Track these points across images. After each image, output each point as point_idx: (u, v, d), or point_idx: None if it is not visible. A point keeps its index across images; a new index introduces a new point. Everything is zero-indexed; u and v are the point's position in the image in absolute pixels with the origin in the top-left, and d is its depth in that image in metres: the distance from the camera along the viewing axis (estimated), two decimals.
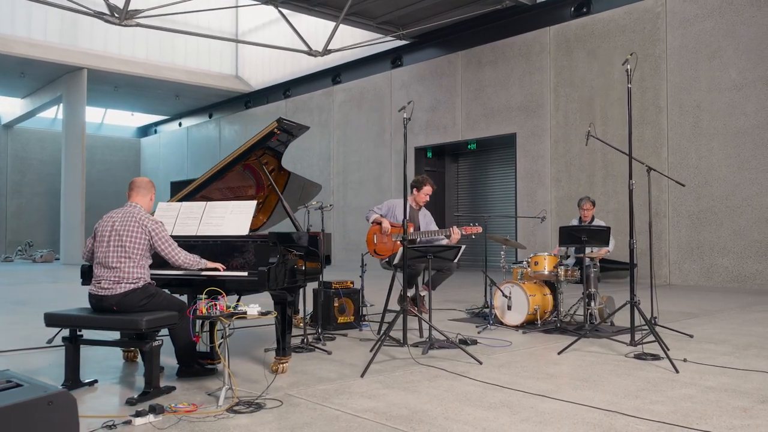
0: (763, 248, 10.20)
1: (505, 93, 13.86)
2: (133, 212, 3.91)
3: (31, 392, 2.40)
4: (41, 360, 4.85)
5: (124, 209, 3.96)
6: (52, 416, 2.37)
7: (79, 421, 2.47)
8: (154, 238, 3.84)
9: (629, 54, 5.07)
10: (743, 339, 5.51)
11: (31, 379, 2.61)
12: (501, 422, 3.15)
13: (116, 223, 3.86)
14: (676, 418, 3.20)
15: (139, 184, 4.11)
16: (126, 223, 3.84)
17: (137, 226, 3.83)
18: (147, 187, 4.10)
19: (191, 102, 22.87)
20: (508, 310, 6.17)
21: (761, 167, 10.26)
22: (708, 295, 9.22)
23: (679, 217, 11.14)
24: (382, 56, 16.74)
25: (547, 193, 13.07)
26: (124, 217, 3.90)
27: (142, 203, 4.03)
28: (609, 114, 12.11)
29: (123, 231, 3.82)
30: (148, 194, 4.08)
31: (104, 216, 4.00)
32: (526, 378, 4.09)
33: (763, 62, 10.27)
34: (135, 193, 4.07)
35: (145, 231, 3.83)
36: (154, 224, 3.87)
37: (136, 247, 3.80)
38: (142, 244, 3.82)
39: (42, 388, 2.46)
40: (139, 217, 3.87)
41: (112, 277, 3.76)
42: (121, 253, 3.78)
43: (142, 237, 3.81)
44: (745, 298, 8.78)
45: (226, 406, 3.40)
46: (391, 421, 3.18)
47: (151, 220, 3.88)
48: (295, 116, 19.41)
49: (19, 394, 2.39)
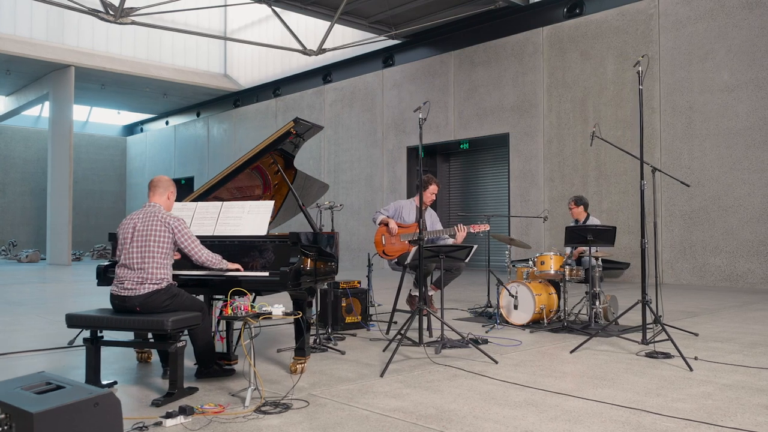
0: (754, 248, 10.36)
1: (498, 93, 13.93)
2: (153, 212, 3.88)
3: (76, 394, 2.38)
4: (50, 361, 4.80)
5: (145, 210, 3.94)
6: (97, 417, 2.36)
7: (123, 422, 2.46)
8: (177, 235, 3.82)
9: (641, 56, 5.12)
10: (748, 337, 5.60)
11: (70, 381, 2.59)
12: (530, 421, 3.18)
13: (138, 223, 3.84)
14: (700, 416, 3.24)
15: (156, 183, 4.08)
16: (148, 223, 3.82)
17: (160, 224, 3.81)
18: (164, 185, 4.07)
19: (179, 100, 22.71)
20: (514, 309, 6.21)
21: (753, 168, 10.41)
22: (702, 294, 9.34)
23: (672, 216, 11.27)
24: (373, 55, 16.75)
25: (540, 193, 13.16)
26: (145, 217, 3.87)
27: (161, 202, 4.00)
28: (602, 114, 12.21)
29: (146, 231, 3.79)
30: (165, 192, 4.05)
31: (125, 219, 3.98)
32: (544, 377, 4.13)
33: (754, 64, 10.42)
34: (153, 193, 4.04)
35: (168, 229, 3.81)
36: (177, 222, 3.85)
37: (160, 247, 3.77)
38: (166, 243, 3.80)
39: (86, 389, 2.45)
40: (161, 215, 3.85)
41: (135, 278, 3.73)
42: (145, 253, 3.75)
43: (165, 235, 3.79)
44: (739, 297, 8.91)
45: (253, 407, 3.39)
46: (421, 420, 3.19)
47: (173, 217, 3.87)
48: (285, 115, 19.38)
49: (64, 395, 2.37)
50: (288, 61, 19.36)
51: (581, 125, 12.53)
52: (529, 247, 6.61)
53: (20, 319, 7.06)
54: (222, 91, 21.46)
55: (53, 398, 2.35)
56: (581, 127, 12.53)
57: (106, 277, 4.34)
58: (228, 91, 21.43)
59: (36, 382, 2.55)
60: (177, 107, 23.89)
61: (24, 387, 2.50)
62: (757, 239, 10.34)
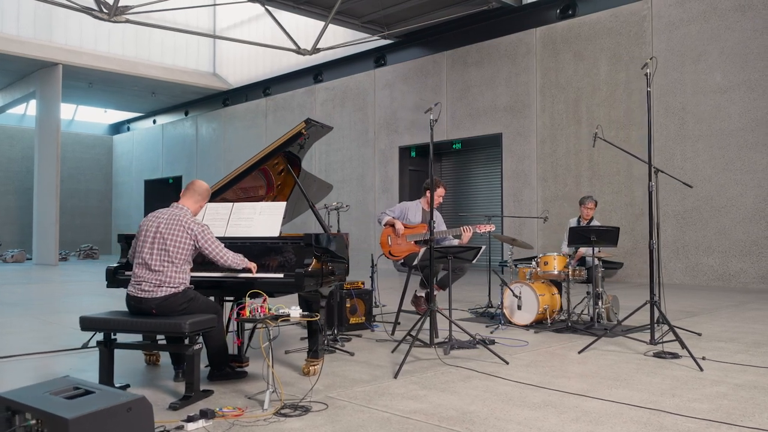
0: (746, 248, 10.47)
1: (491, 93, 13.96)
2: (179, 215, 3.82)
3: (108, 399, 2.35)
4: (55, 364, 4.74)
5: (171, 210, 3.88)
6: (130, 422, 2.33)
7: (154, 427, 2.43)
8: (200, 241, 3.77)
9: (649, 58, 5.15)
10: (750, 337, 5.65)
11: (97, 385, 2.56)
12: (552, 422, 3.18)
13: (161, 224, 3.77)
14: (719, 416, 3.27)
15: (194, 187, 4.02)
16: (171, 226, 3.76)
17: (182, 230, 3.75)
18: (202, 194, 4.01)
19: (167, 99, 22.53)
20: (518, 309, 6.23)
21: (745, 168, 10.53)
22: (696, 294, 9.42)
23: (665, 217, 11.36)
24: (364, 55, 16.72)
25: (533, 193, 13.21)
26: (169, 219, 3.81)
27: (190, 206, 3.94)
28: (595, 115, 12.29)
29: (168, 234, 3.74)
30: (201, 201, 4.00)
31: (149, 215, 3.91)
32: (557, 377, 4.14)
33: (747, 66, 10.53)
34: (187, 196, 3.99)
35: (190, 235, 3.75)
36: (200, 227, 3.80)
37: (180, 252, 3.72)
38: (186, 249, 3.75)
39: (117, 394, 2.41)
40: (184, 220, 3.79)
41: (153, 280, 3.68)
42: (164, 257, 3.70)
43: (186, 241, 3.74)
44: (733, 297, 9.00)
45: (272, 410, 3.37)
46: (444, 422, 3.18)
47: (196, 224, 3.80)
48: (275, 114, 19.30)
49: (96, 401, 2.34)
50: (278, 60, 19.27)
51: (574, 126, 12.60)
52: (531, 247, 6.63)
53: (17, 321, 6.97)
54: (211, 90, 21.33)
55: (85, 403, 2.31)
56: (574, 127, 12.60)
57: (116, 278, 4.28)
58: (217, 90, 21.31)
59: (63, 387, 2.51)
60: (165, 106, 23.70)
61: (52, 392, 2.46)
62: (749, 239, 10.46)
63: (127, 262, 4.35)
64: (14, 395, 2.46)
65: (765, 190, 10.34)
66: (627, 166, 11.88)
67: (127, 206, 25.84)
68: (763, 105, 10.39)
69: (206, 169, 21.79)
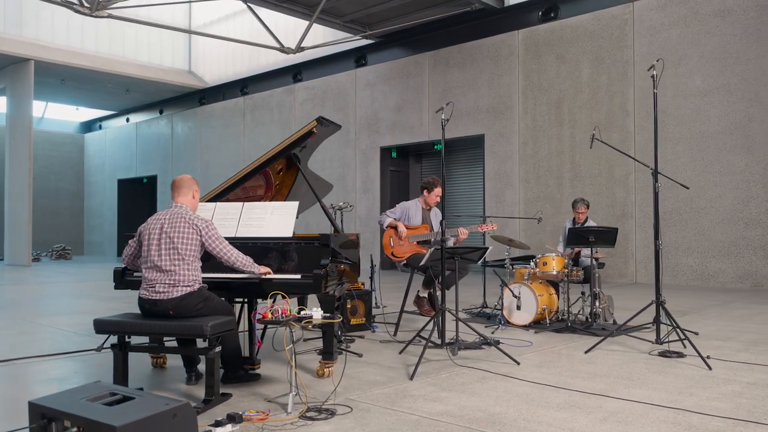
0: (725, 248, 10.69)
1: (473, 94, 14.02)
2: (180, 212, 3.75)
3: (152, 405, 2.28)
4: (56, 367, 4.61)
5: (171, 210, 3.80)
6: (176, 429, 2.26)
7: None
8: (205, 236, 3.70)
9: (656, 60, 5.22)
10: (746, 336, 5.76)
11: (133, 391, 2.48)
12: (582, 423, 3.19)
13: (165, 224, 3.69)
14: (742, 414, 3.31)
15: (179, 183, 3.95)
16: (175, 224, 3.68)
17: (187, 226, 3.68)
18: (187, 184, 3.94)
19: (142, 97, 22.15)
20: (517, 309, 6.25)
21: (724, 171, 10.74)
22: (678, 293, 9.57)
23: (646, 218, 11.54)
24: (345, 55, 16.66)
25: (515, 194, 13.30)
26: (172, 218, 3.74)
27: (186, 202, 3.87)
28: (577, 117, 12.43)
29: (173, 232, 3.66)
30: (189, 191, 3.92)
31: (149, 218, 3.83)
32: (571, 377, 4.16)
33: (726, 70, 10.75)
34: (177, 194, 3.91)
35: (196, 231, 3.68)
36: (204, 223, 3.73)
37: (189, 249, 3.65)
38: (194, 245, 3.67)
39: (160, 400, 2.35)
40: (187, 216, 3.72)
41: (167, 281, 3.60)
42: (174, 255, 3.62)
43: (193, 237, 3.67)
44: (715, 296, 9.17)
45: (296, 413, 3.32)
46: (474, 424, 3.17)
47: (200, 219, 3.74)
48: (254, 113, 19.12)
49: (141, 407, 2.27)
50: (256, 59, 19.10)
51: (556, 128, 12.72)
52: (528, 247, 6.67)
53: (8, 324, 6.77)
54: (187, 89, 21.03)
55: (129, 410, 2.24)
56: (556, 129, 12.72)
57: (125, 280, 4.18)
58: (193, 89, 21.02)
59: (99, 393, 2.44)
60: (139, 104, 23.30)
61: (89, 398, 2.38)
62: (727, 240, 10.68)
63: None
64: (48, 402, 2.38)
65: (743, 192, 10.56)
66: (608, 168, 12.04)
67: (100, 206, 25.34)
68: (741, 108, 10.62)
69: (182, 169, 21.48)
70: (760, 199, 10.40)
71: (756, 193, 10.44)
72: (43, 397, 2.44)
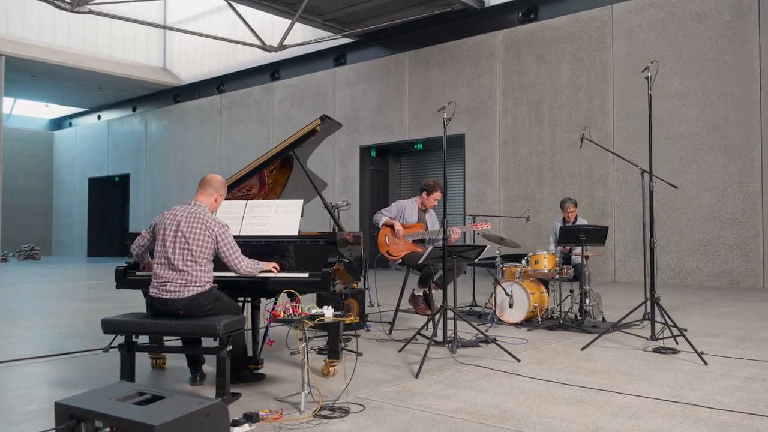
0: (702, 247, 10.93)
1: (453, 94, 14.09)
2: (198, 213, 3.68)
3: (185, 404, 2.25)
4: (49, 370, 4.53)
5: (189, 208, 3.73)
6: (209, 427, 2.24)
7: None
8: (220, 243, 3.64)
9: (650, 62, 5.31)
10: (733, 332, 5.90)
11: (161, 390, 2.45)
12: (593, 417, 3.24)
13: (182, 223, 3.62)
14: (745, 407, 3.40)
15: (207, 182, 3.87)
16: (192, 225, 3.62)
17: (204, 229, 3.61)
18: (215, 186, 3.86)
19: (115, 94, 21.79)
20: (509, 308, 6.31)
21: (701, 171, 10.98)
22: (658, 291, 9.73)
23: (625, 217, 11.74)
24: (324, 53, 16.61)
25: (495, 193, 13.42)
26: (189, 217, 3.67)
27: (207, 203, 3.80)
28: (557, 118, 12.58)
29: (189, 233, 3.59)
30: (215, 194, 3.84)
31: (166, 212, 3.75)
32: (573, 374, 4.21)
33: (703, 72, 10.99)
34: (200, 192, 3.84)
35: (211, 236, 3.62)
36: (221, 228, 3.66)
37: (203, 252, 3.60)
38: (208, 249, 3.62)
39: (193, 399, 2.32)
40: (205, 219, 3.65)
41: (179, 280, 3.55)
42: (187, 256, 3.57)
43: (208, 241, 3.61)
44: (694, 294, 9.36)
45: (309, 412, 3.31)
46: (489, 420, 3.20)
47: (217, 223, 3.67)
48: (231, 111, 18.96)
49: (173, 406, 2.24)
50: (233, 57, 18.93)
51: (536, 128, 12.86)
52: (518, 246, 6.74)
53: None
54: (161, 86, 20.75)
55: (164, 410, 2.22)
56: (536, 129, 12.86)
57: (127, 279, 4.11)
58: (167, 86, 20.75)
59: (128, 393, 2.40)
60: (111, 101, 22.90)
61: (117, 398, 2.35)
62: (704, 239, 10.92)
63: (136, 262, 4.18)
64: (75, 402, 2.34)
65: (719, 192, 10.81)
66: (588, 168, 12.21)
67: (69, 205, 24.86)
68: (718, 110, 10.87)
69: (156, 167, 21.21)
70: (736, 198, 10.66)
71: (732, 192, 10.69)
72: (70, 397, 2.39)
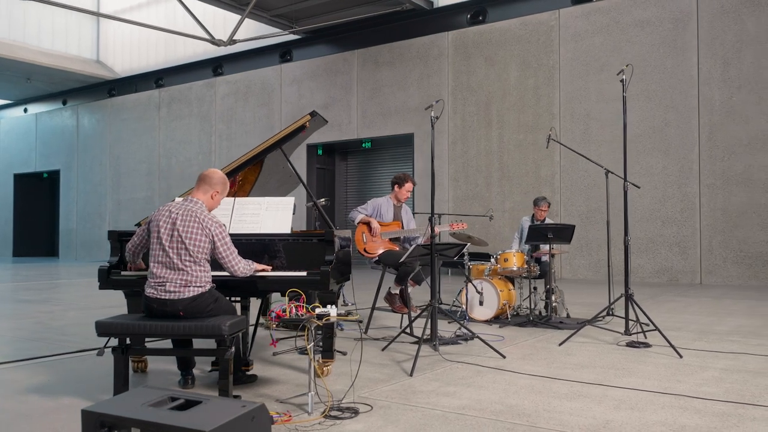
0: (644, 245, 11.39)
1: (402, 94, 14.16)
2: (194, 210, 3.53)
3: (228, 408, 2.17)
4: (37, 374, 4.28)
5: (185, 205, 3.57)
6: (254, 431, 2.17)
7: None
8: (217, 243, 3.50)
9: (625, 65, 5.48)
10: (692, 326, 6.18)
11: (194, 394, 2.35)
12: (598, 411, 3.32)
13: (178, 221, 3.47)
14: (734, 397, 3.56)
15: (203, 177, 3.71)
16: (188, 224, 3.47)
17: (200, 229, 3.47)
18: (211, 182, 3.69)
19: (44, 86, 20.76)
20: (479, 305, 6.39)
21: (642, 172, 11.43)
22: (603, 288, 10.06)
23: (570, 216, 12.08)
24: (269, 49, 16.36)
25: (444, 193, 13.56)
26: (185, 215, 3.51)
27: (203, 200, 3.65)
28: (505, 119, 12.83)
29: (185, 233, 3.44)
30: (210, 190, 3.67)
31: (161, 208, 3.58)
32: (561, 368, 4.31)
33: (645, 77, 11.44)
34: (197, 187, 3.69)
35: (208, 236, 3.48)
36: (218, 228, 3.52)
37: (200, 251, 3.46)
38: (205, 249, 3.48)
39: (235, 403, 2.24)
40: (201, 218, 3.50)
41: (178, 280, 3.40)
42: (185, 256, 3.43)
43: (204, 241, 3.47)
44: (641, 291, 9.73)
45: (318, 413, 3.25)
46: (500, 416, 3.23)
47: (214, 223, 3.52)
48: (171, 107, 18.42)
49: (216, 411, 2.15)
50: (173, 50, 18.40)
51: (485, 128, 13.07)
52: (486, 244, 6.83)
53: None
54: (94, 79, 19.94)
55: (207, 414, 2.12)
56: (485, 130, 13.07)
57: (111, 279, 3.93)
58: (101, 79, 19.95)
59: (159, 398, 2.29)
60: (40, 93, 21.81)
61: (150, 404, 2.24)
62: (646, 237, 11.38)
63: (119, 261, 4.00)
64: (105, 408, 2.21)
65: (660, 192, 11.29)
66: (534, 168, 12.51)
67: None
68: (659, 114, 11.34)
69: (89, 163, 20.37)
70: (675, 198, 11.15)
71: (672, 193, 11.18)
72: (98, 403, 2.26)
